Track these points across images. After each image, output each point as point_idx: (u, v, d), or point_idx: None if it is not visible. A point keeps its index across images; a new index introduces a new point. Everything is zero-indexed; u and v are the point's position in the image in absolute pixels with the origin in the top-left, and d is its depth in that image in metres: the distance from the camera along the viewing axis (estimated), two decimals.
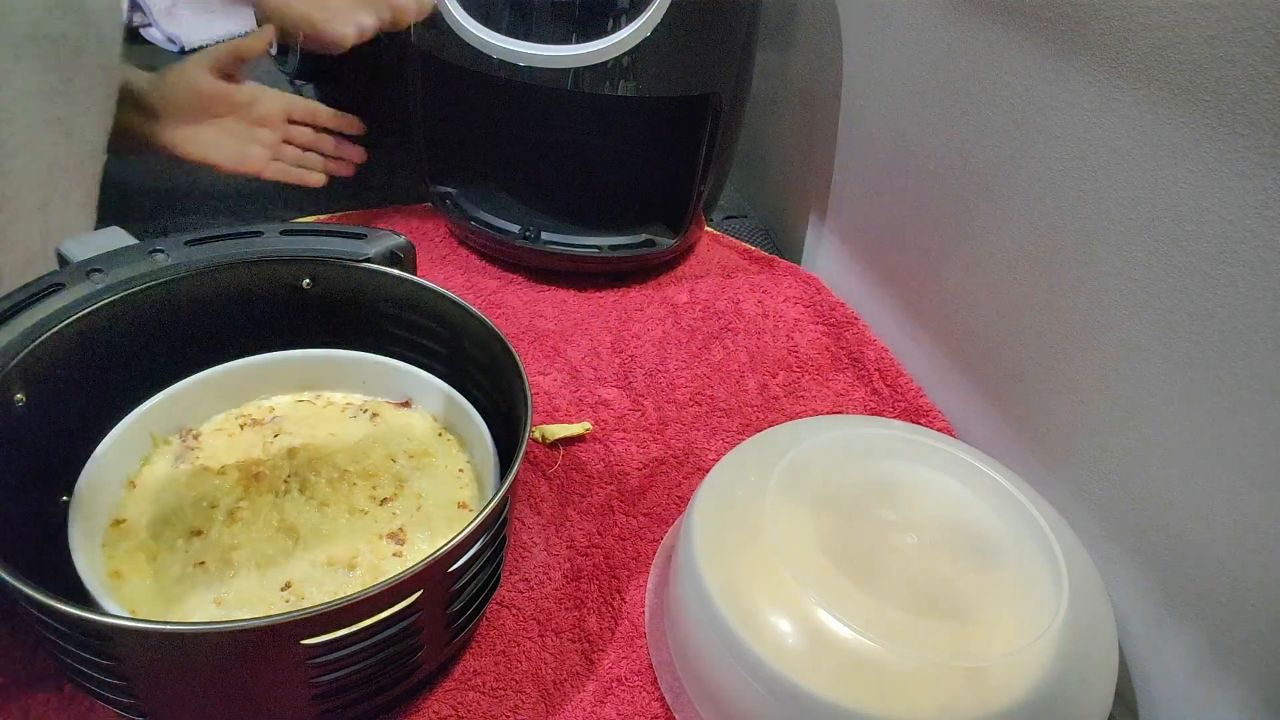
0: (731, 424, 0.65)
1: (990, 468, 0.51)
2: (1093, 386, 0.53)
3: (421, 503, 0.47)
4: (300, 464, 0.48)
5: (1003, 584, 0.45)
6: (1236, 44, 0.41)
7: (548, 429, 0.62)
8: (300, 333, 0.54)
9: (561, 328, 0.74)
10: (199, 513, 0.45)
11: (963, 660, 0.41)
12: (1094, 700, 0.42)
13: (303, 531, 0.45)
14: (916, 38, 0.67)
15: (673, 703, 0.46)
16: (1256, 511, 0.42)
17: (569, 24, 0.66)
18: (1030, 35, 0.55)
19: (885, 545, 0.46)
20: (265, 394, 0.54)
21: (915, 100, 0.68)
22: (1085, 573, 0.46)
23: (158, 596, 0.41)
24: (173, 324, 0.51)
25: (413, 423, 0.53)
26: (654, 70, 0.68)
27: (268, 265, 0.53)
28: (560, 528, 0.56)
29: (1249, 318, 0.42)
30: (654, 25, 0.66)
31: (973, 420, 0.65)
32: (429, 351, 0.55)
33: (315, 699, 0.38)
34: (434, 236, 0.84)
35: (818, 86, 0.84)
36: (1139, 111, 0.47)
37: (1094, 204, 0.51)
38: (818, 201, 0.87)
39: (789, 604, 0.43)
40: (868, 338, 0.75)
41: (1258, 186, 0.41)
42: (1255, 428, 0.42)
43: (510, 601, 0.51)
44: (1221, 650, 0.44)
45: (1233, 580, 0.44)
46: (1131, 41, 0.47)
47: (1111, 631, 0.45)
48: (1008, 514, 0.49)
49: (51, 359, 0.45)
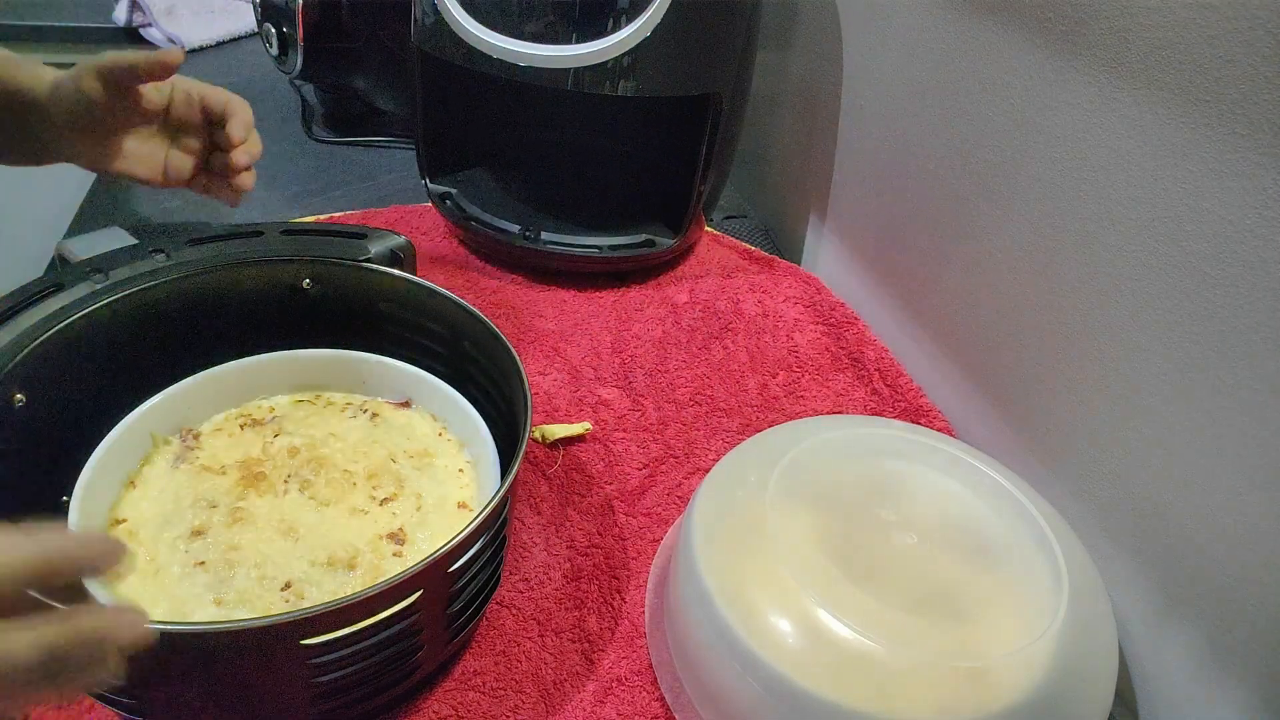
0: (731, 424, 0.65)
1: (990, 468, 0.51)
2: (1093, 386, 0.53)
3: (421, 503, 0.47)
4: (300, 464, 0.48)
5: (1002, 584, 0.45)
6: (1236, 44, 0.41)
7: (548, 429, 0.62)
8: (300, 333, 0.54)
9: (561, 328, 0.74)
10: (199, 513, 0.45)
11: (962, 660, 0.41)
12: (1094, 700, 0.42)
13: (303, 531, 0.45)
14: (916, 38, 0.67)
15: (673, 703, 0.46)
16: (1256, 511, 0.42)
17: (569, 24, 0.66)
18: (1030, 35, 0.55)
19: (885, 545, 0.46)
20: (265, 394, 0.54)
21: (915, 100, 0.68)
22: (1085, 573, 0.46)
23: (158, 596, 0.41)
24: (173, 324, 0.51)
25: (413, 423, 0.53)
26: (654, 70, 0.68)
27: (268, 265, 0.53)
28: (560, 528, 0.56)
29: (1249, 318, 0.42)
30: (654, 25, 0.66)
31: (973, 420, 0.65)
32: (429, 351, 0.55)
33: (315, 699, 0.38)
34: (434, 236, 0.84)
35: (818, 86, 0.84)
36: (1139, 111, 0.47)
37: (1094, 204, 0.51)
38: (818, 201, 0.87)
39: (789, 604, 0.43)
40: (868, 338, 0.75)
41: (1258, 186, 0.41)
42: (1255, 428, 0.42)
43: (510, 601, 0.51)
44: (1221, 650, 0.44)
45: (1233, 580, 0.44)
46: (1131, 41, 0.47)
47: (1111, 631, 0.45)
48: (1008, 514, 0.49)
49: (51, 359, 0.45)
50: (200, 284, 0.51)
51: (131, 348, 0.49)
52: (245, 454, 0.49)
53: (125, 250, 0.51)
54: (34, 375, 0.43)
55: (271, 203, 0.89)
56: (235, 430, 0.51)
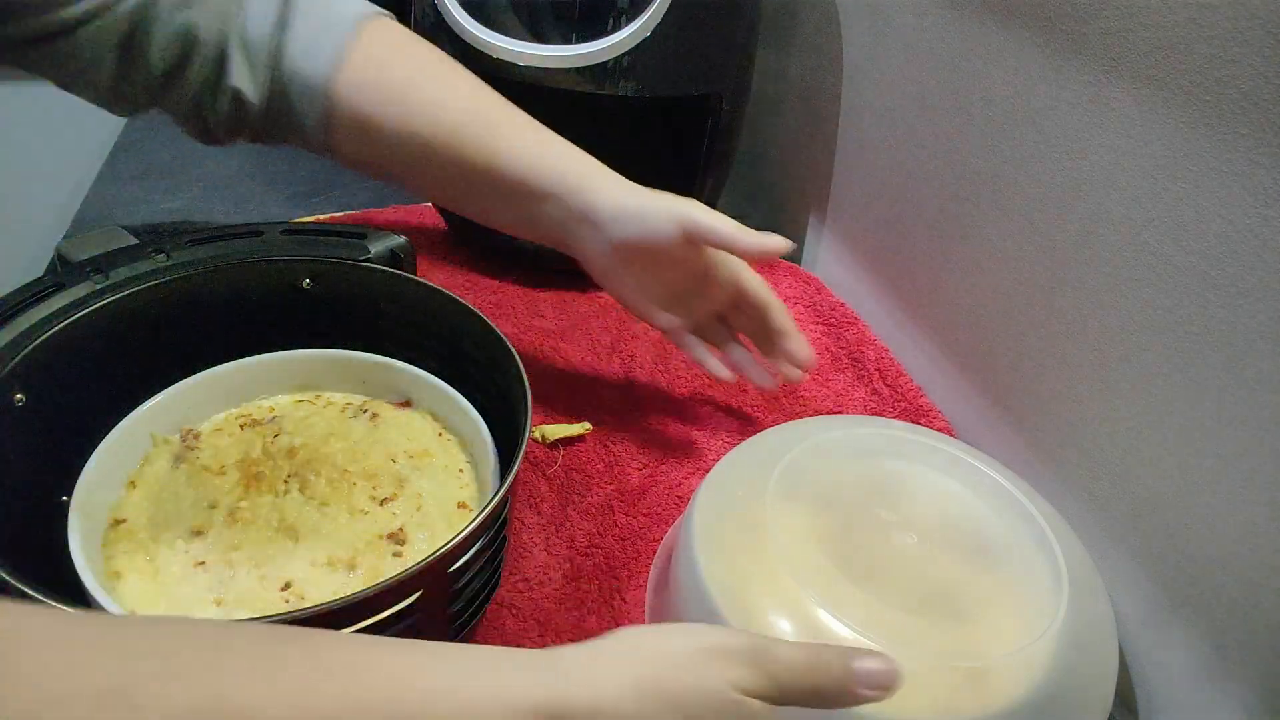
0: (731, 424, 0.65)
1: (990, 467, 0.51)
2: (1092, 386, 0.53)
3: (421, 503, 0.47)
4: (300, 464, 0.48)
5: (1002, 584, 0.45)
6: (1236, 44, 0.41)
7: (548, 429, 0.62)
8: (300, 333, 0.54)
9: (561, 328, 0.74)
10: (199, 513, 0.45)
11: (962, 660, 0.41)
12: (1094, 701, 0.42)
13: (303, 531, 0.45)
14: (917, 38, 0.67)
15: None
16: (1257, 511, 0.42)
17: (569, 24, 0.66)
18: (1030, 36, 0.55)
19: (885, 545, 0.46)
20: (265, 394, 0.54)
21: (915, 100, 0.68)
22: (1085, 573, 0.46)
23: (158, 596, 0.41)
24: (173, 324, 0.51)
25: (413, 423, 0.53)
26: (654, 70, 0.68)
27: (268, 265, 0.53)
28: (560, 528, 0.56)
29: (1249, 318, 0.42)
30: (654, 25, 0.66)
31: (973, 420, 0.65)
32: (429, 351, 0.55)
33: None
34: (434, 236, 0.84)
35: (818, 87, 0.84)
36: (1139, 112, 0.47)
37: (1094, 204, 0.51)
38: (818, 201, 0.87)
39: (789, 604, 0.43)
40: (868, 338, 0.75)
41: (1258, 186, 0.41)
42: (1256, 427, 0.42)
43: (510, 601, 0.51)
44: (1222, 651, 0.44)
45: (1234, 581, 0.44)
46: (1131, 41, 0.47)
47: (1111, 631, 0.45)
48: (1008, 514, 0.49)
49: (51, 359, 0.45)
50: (200, 284, 0.51)
51: (131, 348, 0.49)
52: (245, 454, 0.49)
53: (125, 250, 0.51)
54: (34, 375, 0.43)
55: (271, 203, 0.89)
56: (235, 430, 0.51)
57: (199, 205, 0.86)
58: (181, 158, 0.94)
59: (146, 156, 0.95)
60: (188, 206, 0.85)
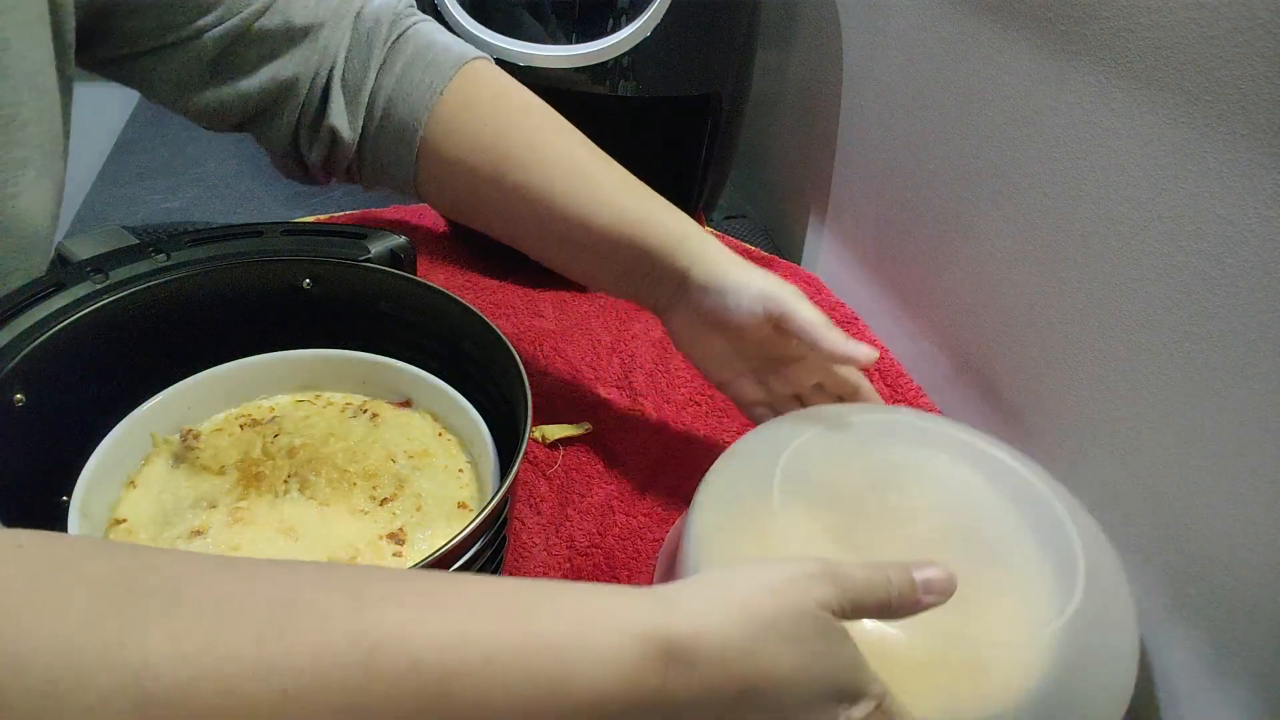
0: (731, 424, 0.65)
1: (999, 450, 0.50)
2: (1093, 386, 0.53)
3: (421, 503, 0.47)
4: (300, 464, 0.48)
5: (1014, 574, 0.44)
6: (1236, 44, 0.41)
7: (548, 429, 0.62)
8: (300, 333, 0.54)
9: (561, 327, 0.74)
10: (199, 513, 0.45)
11: (970, 652, 0.40)
12: (1109, 694, 0.41)
13: (303, 531, 0.45)
14: (917, 38, 0.67)
15: None
16: (1260, 512, 0.42)
17: (569, 24, 0.66)
18: (1030, 35, 0.55)
19: (892, 536, 0.45)
20: (265, 394, 0.53)
21: (915, 100, 0.68)
22: (1103, 559, 0.45)
23: None
24: (173, 324, 0.51)
25: (413, 423, 0.53)
26: (654, 70, 0.68)
27: (268, 265, 0.53)
28: (560, 528, 0.56)
29: (1249, 318, 0.42)
30: (654, 25, 0.66)
31: (973, 420, 0.65)
32: (429, 351, 0.54)
33: None
34: (434, 236, 0.84)
35: (818, 86, 0.84)
36: (1139, 111, 0.47)
37: (1094, 204, 0.51)
38: (818, 201, 0.87)
39: None
40: (868, 337, 0.75)
41: (1258, 186, 0.41)
42: (1258, 427, 0.42)
43: None
44: (1222, 650, 0.44)
45: (1237, 580, 0.43)
46: (1131, 41, 0.47)
47: (1131, 621, 0.43)
48: (1023, 502, 0.47)
49: (51, 359, 0.45)
50: (200, 284, 0.51)
51: (131, 348, 0.49)
52: (245, 454, 0.49)
53: (125, 250, 0.51)
54: (34, 375, 0.43)
55: (271, 203, 0.89)
56: (235, 430, 0.51)
57: (199, 205, 0.86)
58: (181, 158, 0.94)
59: (146, 156, 0.95)
60: (188, 206, 0.85)
